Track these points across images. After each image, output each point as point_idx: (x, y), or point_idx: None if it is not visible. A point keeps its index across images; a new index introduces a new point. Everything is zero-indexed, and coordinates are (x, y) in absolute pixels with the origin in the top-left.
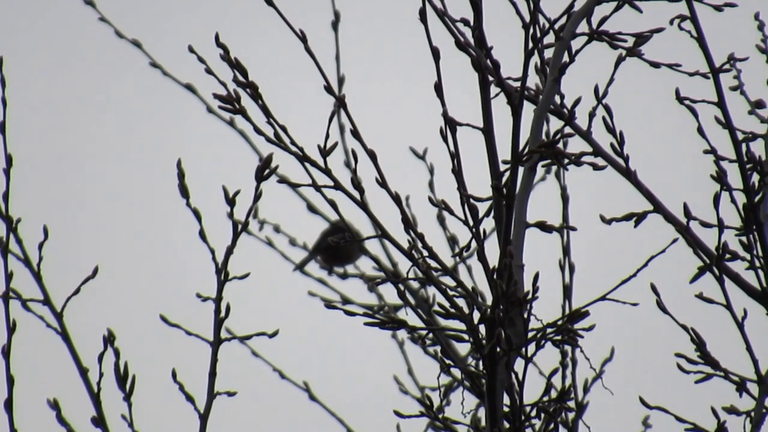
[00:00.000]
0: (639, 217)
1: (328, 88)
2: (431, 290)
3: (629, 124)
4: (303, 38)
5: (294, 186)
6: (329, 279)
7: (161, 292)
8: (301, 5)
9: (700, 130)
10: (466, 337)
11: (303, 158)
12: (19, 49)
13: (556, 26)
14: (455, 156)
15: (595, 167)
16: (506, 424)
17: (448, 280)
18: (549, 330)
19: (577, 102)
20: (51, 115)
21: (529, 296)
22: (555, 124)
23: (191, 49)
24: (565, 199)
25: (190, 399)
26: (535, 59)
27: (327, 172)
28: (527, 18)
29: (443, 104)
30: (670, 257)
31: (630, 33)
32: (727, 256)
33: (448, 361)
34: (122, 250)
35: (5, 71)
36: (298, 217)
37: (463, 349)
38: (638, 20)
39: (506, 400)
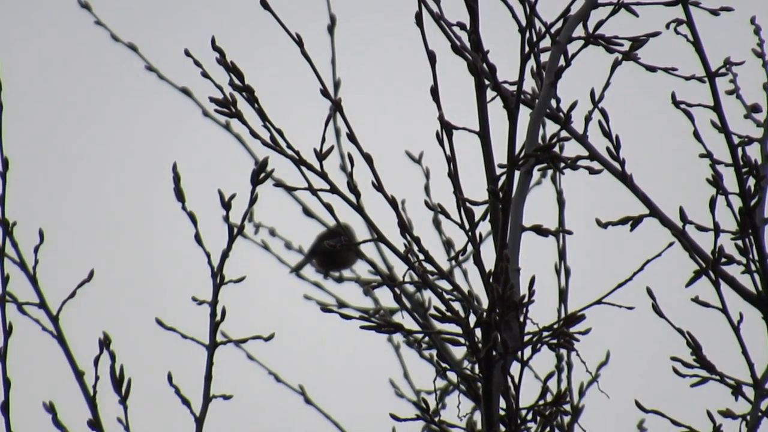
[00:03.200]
0: (635, 221)
1: (324, 92)
2: (427, 294)
3: (625, 128)
4: (299, 42)
5: (290, 189)
6: (325, 283)
7: (157, 296)
8: (297, 9)
9: (696, 134)
10: (462, 340)
11: (299, 162)
12: (14, 52)
13: (552, 30)
14: (451, 159)
15: (591, 171)
16: (502, 428)
17: (444, 284)
18: (545, 333)
19: (573, 106)
20: (47, 119)
21: (525, 300)
22: (551, 128)
23: (187, 53)
24: (561, 202)
25: (185, 402)
26: (531, 63)
27: (323, 175)
28: (523, 22)
29: (439, 108)
30: (666, 261)
31: (626, 37)
32: (723, 259)
33: (444, 365)
34: (118, 253)
35: (1, 75)
36: (294, 220)
37: (459, 352)
38: (634, 24)
39: (502, 403)
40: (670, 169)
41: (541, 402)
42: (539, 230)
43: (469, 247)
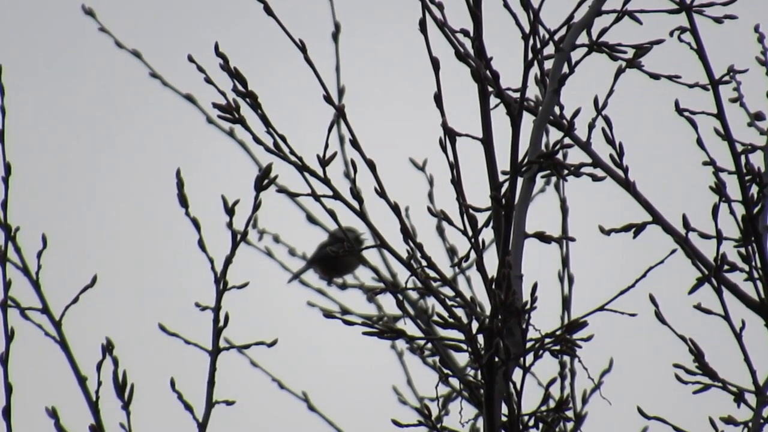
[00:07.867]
0: (638, 228)
1: (328, 98)
2: (430, 300)
3: (629, 136)
4: (303, 48)
5: (293, 195)
6: (328, 289)
7: (160, 301)
8: (301, 16)
9: (700, 142)
10: (464, 347)
11: (302, 168)
12: (18, 58)
13: (556, 37)
14: (454, 166)
15: (595, 178)
16: None
17: (447, 290)
18: (547, 340)
19: (576, 113)
20: (50, 125)
21: (528, 306)
22: (554, 135)
23: (191, 59)
24: (564, 209)
25: (188, 408)
26: (535, 70)
27: (326, 181)
28: (527, 29)
29: (443, 114)
30: (668, 268)
31: (630, 44)
32: (726, 267)
33: (446, 371)
34: (121, 259)
35: (4, 80)
36: (298, 227)
37: (461, 359)
38: (638, 32)
39: (504, 410)
40: (673, 176)
41: (544, 408)
42: (542, 237)
43: (472, 254)
